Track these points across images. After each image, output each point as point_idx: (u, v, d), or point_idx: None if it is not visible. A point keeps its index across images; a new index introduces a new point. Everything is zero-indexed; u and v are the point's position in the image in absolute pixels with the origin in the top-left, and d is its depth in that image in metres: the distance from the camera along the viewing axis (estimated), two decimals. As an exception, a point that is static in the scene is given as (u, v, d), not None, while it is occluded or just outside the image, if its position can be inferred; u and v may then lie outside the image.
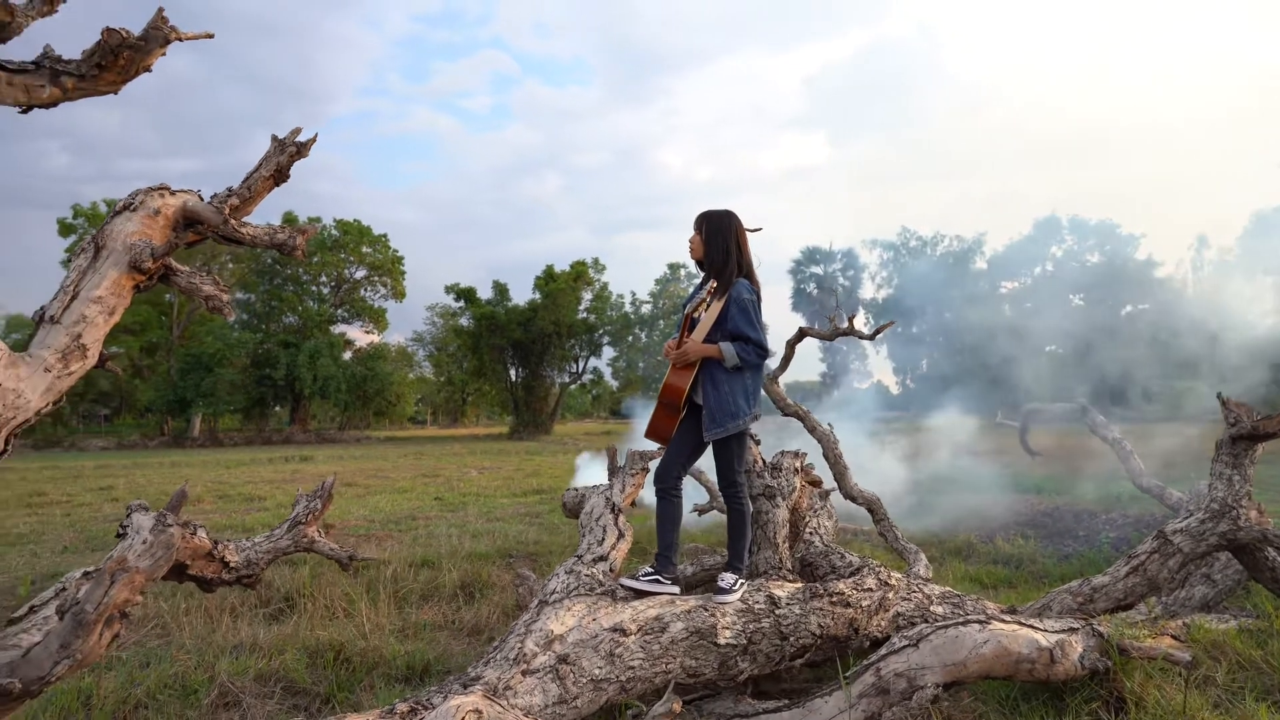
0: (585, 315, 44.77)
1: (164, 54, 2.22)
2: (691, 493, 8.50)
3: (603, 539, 3.50)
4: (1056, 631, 3.24)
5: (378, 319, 49.23)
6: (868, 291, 54.78)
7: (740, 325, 3.25)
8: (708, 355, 3.27)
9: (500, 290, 44.50)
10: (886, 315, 41.77)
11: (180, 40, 2.26)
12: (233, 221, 2.73)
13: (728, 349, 3.24)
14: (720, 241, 3.36)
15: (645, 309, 46.66)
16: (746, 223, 3.48)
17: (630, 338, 46.12)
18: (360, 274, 48.43)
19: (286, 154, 2.88)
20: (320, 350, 41.76)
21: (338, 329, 47.51)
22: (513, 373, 44.43)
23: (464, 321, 45.67)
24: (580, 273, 44.26)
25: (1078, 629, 3.31)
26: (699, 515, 8.15)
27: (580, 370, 46.89)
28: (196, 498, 12.68)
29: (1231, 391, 4.27)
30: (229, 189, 2.84)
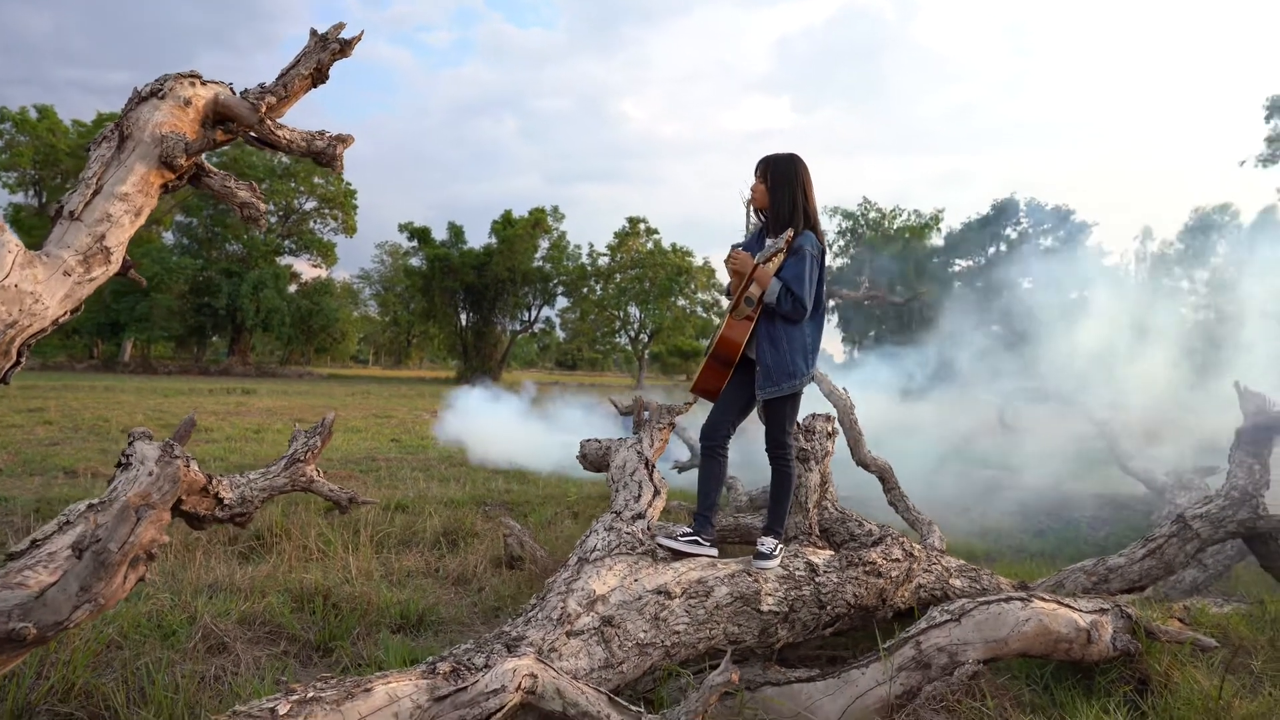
0: (541, 264, 44.09)
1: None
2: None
3: (639, 495, 3.32)
4: (1090, 612, 3.19)
5: (326, 253, 47.69)
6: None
7: (787, 274, 3.10)
8: (760, 279, 3.12)
9: (456, 232, 43.48)
10: (840, 282, 41.96)
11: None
12: (269, 122, 2.42)
13: (774, 285, 3.10)
14: (787, 190, 3.16)
15: (603, 261, 46.05)
16: (714, 185, 3.32)
17: (585, 289, 45.58)
18: (310, 205, 46.72)
19: (329, 51, 2.55)
20: (265, 281, 40.36)
21: (284, 260, 45.91)
22: (463, 317, 43.65)
23: (415, 262, 44.55)
24: (539, 219, 43.47)
25: (1108, 609, 3.27)
26: (679, 472, 8.05)
27: (532, 319, 46.34)
28: (135, 425, 12.10)
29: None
30: (261, 85, 2.51)
